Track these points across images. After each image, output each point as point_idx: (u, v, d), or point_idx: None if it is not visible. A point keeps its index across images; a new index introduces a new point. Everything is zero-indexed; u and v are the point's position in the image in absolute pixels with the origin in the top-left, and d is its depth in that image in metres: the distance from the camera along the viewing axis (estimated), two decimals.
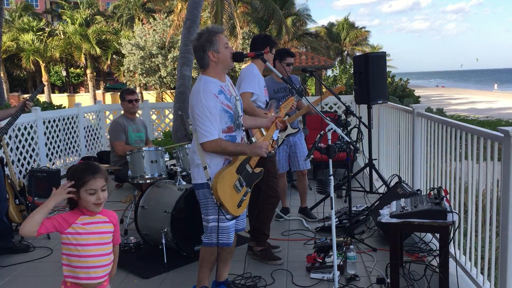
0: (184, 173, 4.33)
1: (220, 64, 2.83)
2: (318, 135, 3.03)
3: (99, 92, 31.87)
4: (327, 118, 2.93)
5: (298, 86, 4.52)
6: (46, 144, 6.75)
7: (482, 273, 2.96)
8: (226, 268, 3.15)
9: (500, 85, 57.97)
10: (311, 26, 34.06)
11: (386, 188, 4.76)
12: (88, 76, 32.31)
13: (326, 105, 8.26)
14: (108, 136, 8.13)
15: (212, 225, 2.85)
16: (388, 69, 13.79)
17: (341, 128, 4.18)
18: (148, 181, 4.28)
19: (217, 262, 3.06)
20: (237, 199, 2.84)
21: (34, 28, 30.92)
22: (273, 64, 4.18)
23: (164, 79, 24.06)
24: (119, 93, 5.19)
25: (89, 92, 32.13)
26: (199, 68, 2.90)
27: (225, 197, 2.76)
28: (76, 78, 39.08)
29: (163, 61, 23.37)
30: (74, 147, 7.58)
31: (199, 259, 3.00)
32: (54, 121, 7.01)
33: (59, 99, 27.48)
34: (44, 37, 30.51)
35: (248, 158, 2.92)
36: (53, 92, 34.27)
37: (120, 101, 5.06)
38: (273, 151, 3.61)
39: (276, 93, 4.52)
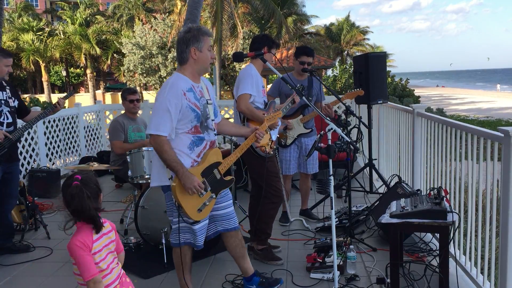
0: None
1: (198, 64, 2.82)
2: (318, 135, 3.04)
3: (99, 92, 31.90)
4: (327, 118, 2.93)
5: (301, 85, 4.46)
6: (46, 144, 6.75)
7: (482, 273, 2.96)
8: (247, 261, 3.12)
9: (499, 85, 58.01)
10: (313, 25, 34.08)
11: (386, 188, 4.76)
12: (88, 76, 32.33)
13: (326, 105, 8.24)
14: (108, 136, 8.14)
15: (176, 226, 2.81)
16: (388, 69, 13.79)
17: (341, 128, 4.18)
18: (148, 181, 4.29)
19: (235, 261, 3.09)
20: (198, 203, 2.75)
21: (34, 28, 30.94)
22: (275, 58, 4.13)
23: (164, 79, 24.08)
24: (119, 93, 5.21)
25: (89, 92, 32.15)
26: (177, 63, 2.89)
27: (184, 199, 2.68)
28: (76, 78, 39.10)
29: (163, 61, 23.38)
30: (74, 147, 7.58)
31: (174, 263, 2.96)
32: (54, 121, 7.01)
33: None
34: (44, 37, 30.53)
35: (217, 163, 2.88)
36: (53, 92, 34.29)
37: (121, 101, 5.07)
38: (271, 152, 3.61)
39: (292, 90, 4.46)
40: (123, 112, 5.17)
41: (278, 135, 4.44)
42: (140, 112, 7.89)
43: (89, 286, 2.00)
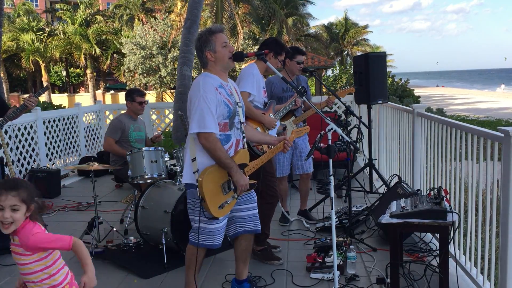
0: None
1: (219, 63, 2.84)
2: (318, 135, 3.03)
3: (99, 92, 31.88)
4: (327, 118, 2.93)
5: (302, 86, 4.49)
6: (46, 144, 6.75)
7: (482, 273, 2.97)
8: (246, 266, 3.13)
9: (503, 85, 57.98)
10: (314, 25, 34.08)
11: (386, 188, 4.76)
12: (88, 76, 32.32)
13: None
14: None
15: (197, 225, 2.82)
16: (388, 69, 13.76)
17: (341, 128, 4.18)
18: (148, 181, 4.29)
19: (237, 262, 3.10)
20: (220, 200, 2.77)
21: (34, 28, 30.94)
22: (282, 63, 4.13)
23: (164, 79, 24.07)
24: (119, 93, 5.22)
25: (89, 92, 32.14)
26: (201, 67, 2.94)
27: (209, 194, 2.69)
28: (76, 78, 39.10)
29: (163, 61, 23.38)
30: (74, 147, 7.58)
31: (185, 260, 2.97)
32: (54, 121, 7.01)
33: (59, 99, 27.49)
34: (44, 37, 30.53)
35: (243, 165, 2.89)
36: (53, 92, 34.29)
37: (126, 101, 5.02)
38: None
39: (285, 92, 4.47)
40: (123, 112, 5.16)
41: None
42: None
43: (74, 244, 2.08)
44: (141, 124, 5.10)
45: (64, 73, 36.04)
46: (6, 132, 5.74)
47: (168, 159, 4.55)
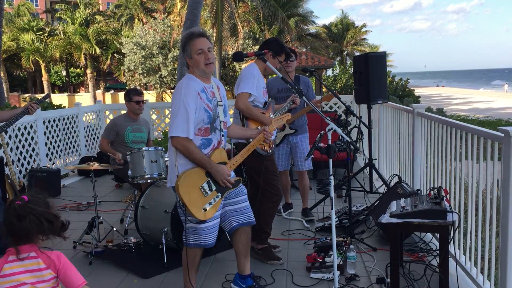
0: None
1: (195, 69, 2.86)
2: (318, 135, 3.03)
3: (99, 92, 31.87)
4: (327, 118, 2.93)
5: (299, 86, 4.50)
6: (46, 144, 6.75)
7: (482, 273, 2.97)
8: (247, 261, 3.14)
9: (497, 84, 57.64)
10: (316, 25, 34.06)
11: (386, 188, 4.76)
12: (88, 76, 32.32)
13: (326, 104, 8.26)
14: None
15: (188, 225, 2.84)
16: (388, 69, 13.74)
17: (341, 128, 4.18)
18: (148, 181, 4.29)
19: (237, 257, 3.11)
20: (203, 202, 2.76)
21: (34, 28, 30.95)
22: (280, 65, 4.14)
23: (165, 79, 24.06)
24: (119, 93, 5.23)
25: (89, 92, 32.14)
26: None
27: (188, 198, 2.70)
28: (76, 78, 39.11)
29: (163, 60, 23.37)
30: (74, 147, 7.58)
31: (182, 262, 2.98)
32: (54, 121, 7.01)
33: (59, 99, 27.44)
34: (44, 37, 30.54)
35: (223, 163, 2.88)
36: (53, 92, 34.31)
37: (125, 101, 5.03)
38: (270, 151, 3.61)
39: (280, 92, 4.53)
40: (123, 112, 5.16)
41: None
42: None
43: None
44: (142, 125, 5.09)
45: (64, 73, 36.05)
46: (6, 132, 5.73)
47: (168, 159, 4.55)
